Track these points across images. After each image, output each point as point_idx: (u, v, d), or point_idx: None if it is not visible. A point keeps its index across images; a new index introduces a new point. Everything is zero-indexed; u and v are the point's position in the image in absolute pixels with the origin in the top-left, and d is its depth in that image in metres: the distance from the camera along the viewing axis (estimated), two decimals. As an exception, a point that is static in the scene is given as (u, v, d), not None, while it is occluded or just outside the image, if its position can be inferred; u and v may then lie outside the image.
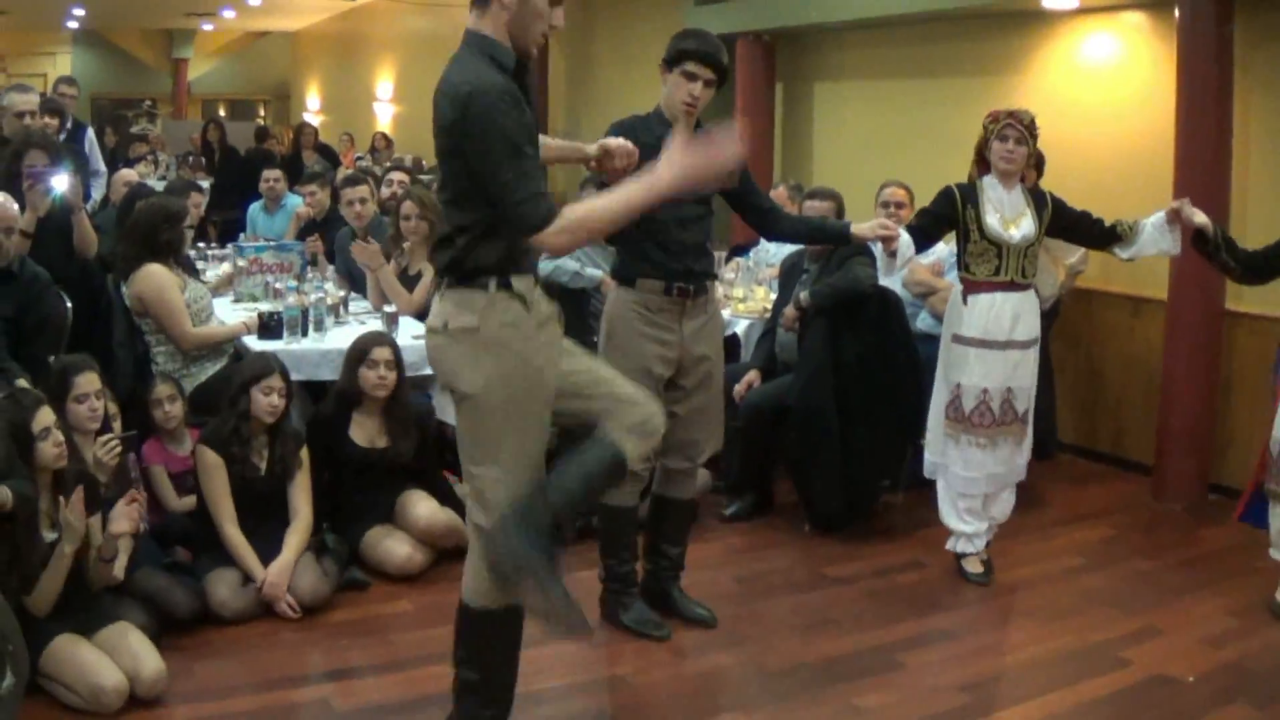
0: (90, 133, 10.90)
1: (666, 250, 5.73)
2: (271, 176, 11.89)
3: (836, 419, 7.26)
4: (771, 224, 6.24)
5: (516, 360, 4.38)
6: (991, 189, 6.55)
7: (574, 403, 4.55)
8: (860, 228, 6.11)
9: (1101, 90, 9.20)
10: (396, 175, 10.60)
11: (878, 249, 6.25)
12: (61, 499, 5.28)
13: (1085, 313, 9.25)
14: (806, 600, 6.65)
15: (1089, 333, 9.33)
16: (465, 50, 4.34)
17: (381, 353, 6.76)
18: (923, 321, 8.06)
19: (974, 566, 6.86)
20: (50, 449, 5.26)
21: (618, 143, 5.19)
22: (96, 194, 10.25)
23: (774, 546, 7.44)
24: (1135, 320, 9.00)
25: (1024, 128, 6.48)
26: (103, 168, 10.89)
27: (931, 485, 7.00)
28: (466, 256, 4.37)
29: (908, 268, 6.73)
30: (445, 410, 7.13)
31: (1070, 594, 6.76)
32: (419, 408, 7.20)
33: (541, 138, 4.75)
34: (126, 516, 5.44)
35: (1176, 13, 8.04)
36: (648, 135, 5.56)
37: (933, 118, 10.44)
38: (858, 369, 7.29)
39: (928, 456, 6.90)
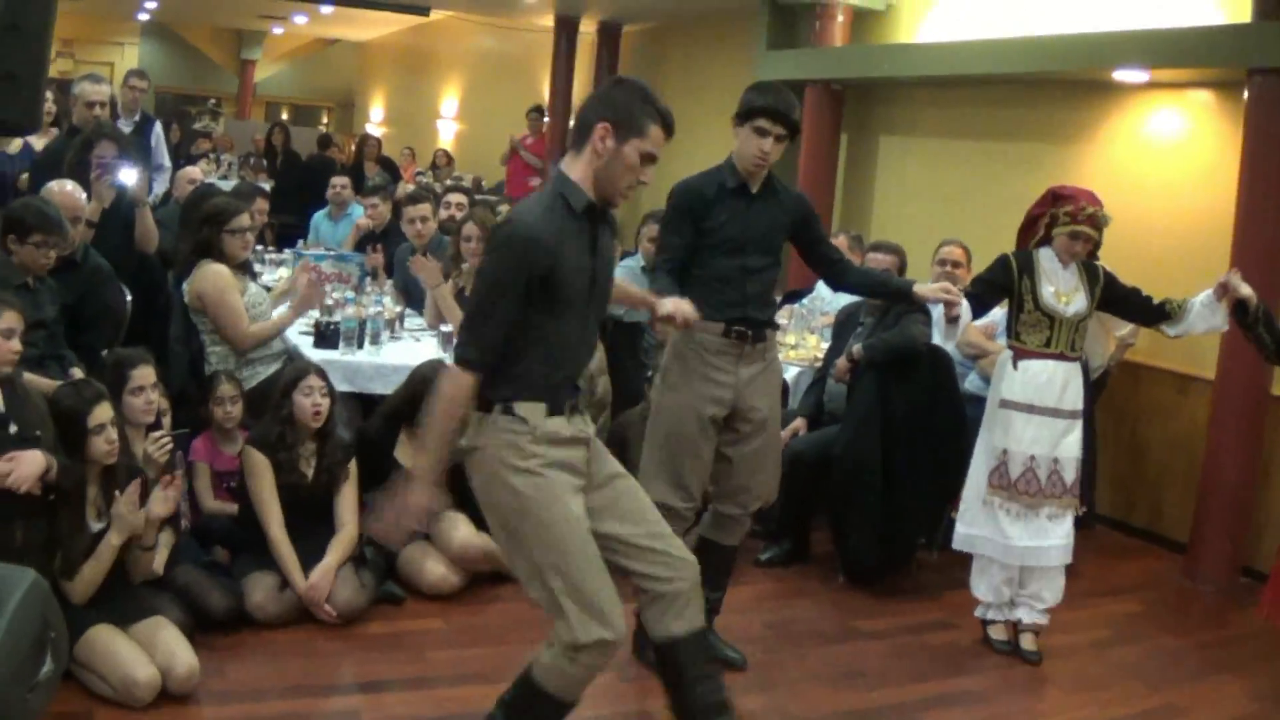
0: (158, 127, 10.98)
1: (729, 297, 5.78)
2: (339, 183, 11.98)
3: (880, 473, 7.30)
4: (839, 275, 6.27)
5: (522, 479, 4.44)
6: (1048, 261, 6.57)
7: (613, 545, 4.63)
8: (924, 288, 6.13)
9: (1165, 165, 9.22)
10: (454, 197, 10.59)
11: (938, 312, 6.24)
12: (118, 492, 5.34)
13: (1132, 386, 9.26)
14: (835, 651, 6.67)
15: (1134, 407, 9.33)
16: (546, 187, 4.56)
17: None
18: (971, 383, 8.07)
19: (999, 634, 6.85)
20: (103, 444, 5.32)
21: (684, 311, 5.25)
22: (159, 189, 10.33)
23: (807, 595, 7.47)
24: (1182, 398, 9.00)
25: (1099, 234, 6.54)
26: (168, 163, 10.98)
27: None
28: (485, 386, 4.48)
29: (953, 339, 6.74)
30: None
31: (1096, 665, 6.77)
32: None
33: (618, 279, 4.99)
34: (163, 501, 5.48)
35: (1245, 94, 8.06)
36: (711, 188, 5.72)
37: (996, 180, 10.46)
38: (905, 425, 7.33)
39: (960, 529, 6.83)
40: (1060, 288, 6.51)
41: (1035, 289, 6.50)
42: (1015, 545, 6.60)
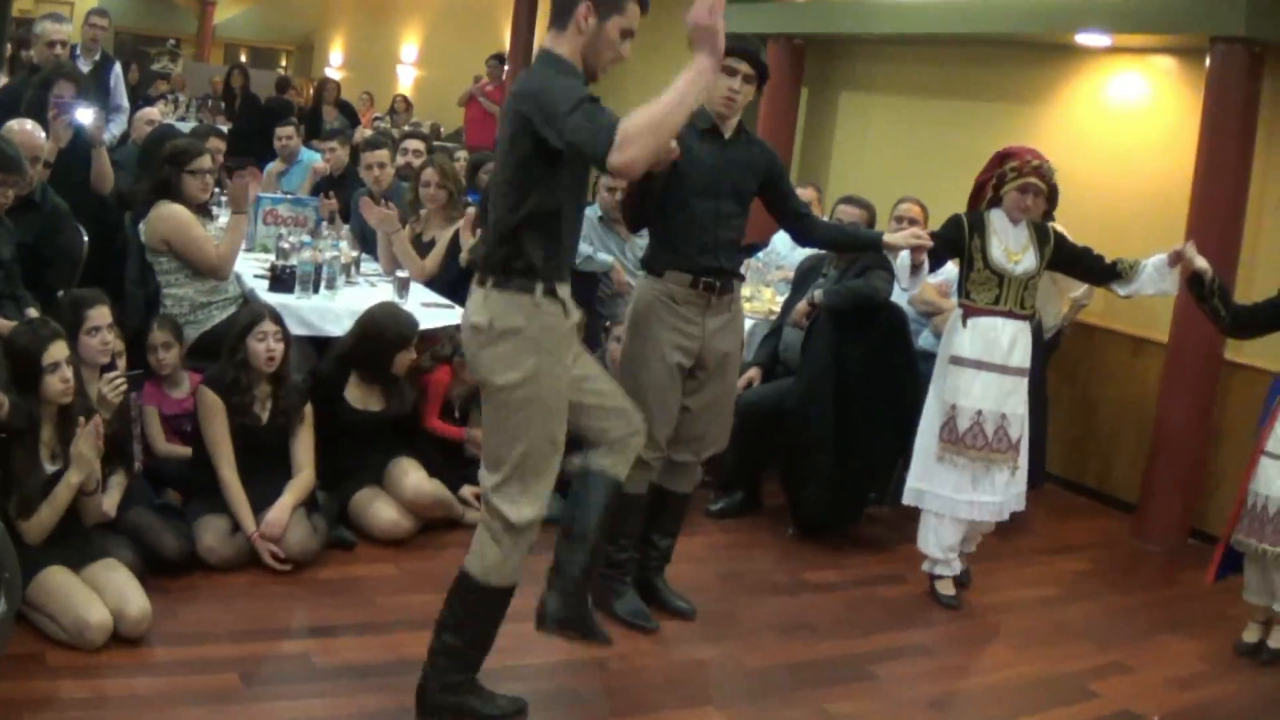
0: (117, 68, 10.89)
1: (699, 244, 5.80)
2: (284, 134, 11.87)
3: (833, 426, 7.32)
4: (808, 230, 6.31)
5: (550, 360, 4.60)
6: (998, 220, 6.64)
7: (576, 412, 4.81)
8: (893, 236, 6.22)
9: (1124, 130, 9.24)
10: (412, 144, 10.61)
11: (904, 258, 6.26)
12: (79, 431, 5.32)
13: (1085, 347, 9.30)
14: (786, 603, 6.71)
15: (1087, 368, 9.38)
16: (536, 65, 4.58)
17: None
18: (925, 340, 8.09)
19: (946, 589, 6.89)
20: (57, 384, 5.29)
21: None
22: (117, 130, 10.27)
23: (757, 546, 7.50)
24: (1134, 360, 9.05)
25: (1047, 186, 6.58)
26: (126, 104, 10.89)
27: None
28: (517, 255, 4.56)
29: (918, 286, 6.78)
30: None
31: (1044, 623, 6.83)
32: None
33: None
34: (86, 437, 5.36)
35: (1207, 61, 8.09)
36: (684, 129, 5.70)
37: (955, 139, 10.45)
38: (859, 379, 7.34)
39: (910, 483, 6.90)
40: (1010, 246, 6.57)
41: (985, 247, 6.56)
42: (963, 500, 6.66)
